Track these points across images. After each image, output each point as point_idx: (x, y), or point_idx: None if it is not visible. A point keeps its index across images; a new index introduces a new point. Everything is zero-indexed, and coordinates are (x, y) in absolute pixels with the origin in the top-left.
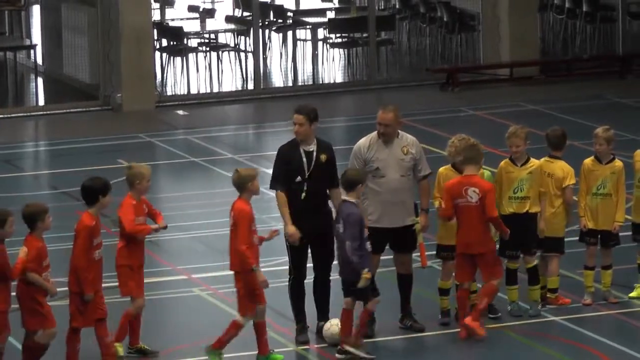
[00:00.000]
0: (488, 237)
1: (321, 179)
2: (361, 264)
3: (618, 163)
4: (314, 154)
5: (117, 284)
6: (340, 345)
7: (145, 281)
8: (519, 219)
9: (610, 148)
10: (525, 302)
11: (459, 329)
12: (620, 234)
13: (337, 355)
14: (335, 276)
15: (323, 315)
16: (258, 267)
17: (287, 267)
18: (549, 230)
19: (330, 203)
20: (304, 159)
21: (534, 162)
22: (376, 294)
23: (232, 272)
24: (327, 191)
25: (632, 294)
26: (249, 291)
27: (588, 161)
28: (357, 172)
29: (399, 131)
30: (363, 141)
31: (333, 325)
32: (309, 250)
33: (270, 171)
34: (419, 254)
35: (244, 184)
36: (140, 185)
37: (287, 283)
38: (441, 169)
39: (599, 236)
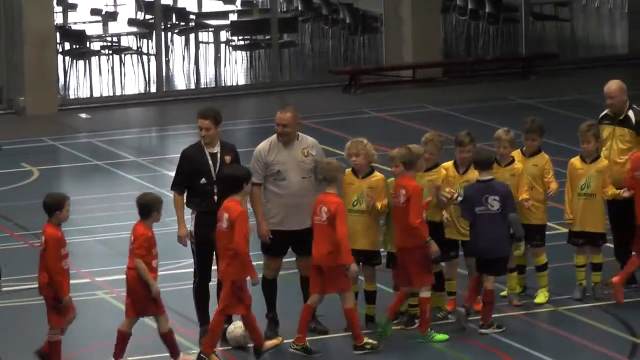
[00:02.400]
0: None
1: None
2: None
3: (518, 165)
4: (218, 155)
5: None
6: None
7: None
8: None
9: (511, 150)
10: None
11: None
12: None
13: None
14: None
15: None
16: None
17: (192, 269)
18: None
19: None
20: (210, 161)
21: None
22: None
23: None
24: None
25: (537, 300)
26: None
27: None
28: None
29: (299, 133)
30: (263, 145)
31: (237, 327)
32: (214, 253)
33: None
34: None
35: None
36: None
37: (192, 286)
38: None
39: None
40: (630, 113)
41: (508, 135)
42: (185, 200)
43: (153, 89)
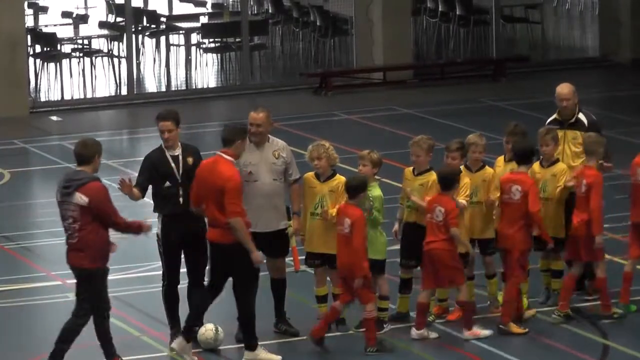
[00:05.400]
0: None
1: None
2: None
3: (489, 170)
4: (180, 157)
5: None
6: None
7: (19, 287)
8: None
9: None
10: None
11: (333, 334)
12: None
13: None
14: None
15: (198, 320)
16: None
17: (161, 272)
18: None
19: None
20: (173, 164)
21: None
22: None
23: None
24: None
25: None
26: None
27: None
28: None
29: (270, 136)
30: None
31: (208, 330)
32: (183, 256)
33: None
34: (292, 258)
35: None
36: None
37: (161, 288)
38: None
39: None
40: (582, 115)
41: (483, 140)
42: (153, 206)
43: (124, 91)
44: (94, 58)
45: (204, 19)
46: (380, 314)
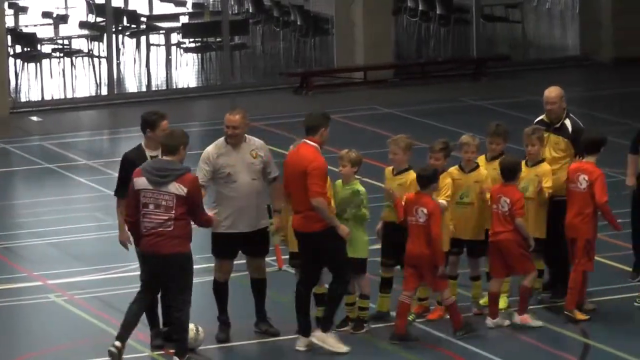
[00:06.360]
0: None
1: None
2: None
3: (483, 172)
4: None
5: None
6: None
7: (0, 288)
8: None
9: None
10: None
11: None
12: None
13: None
14: None
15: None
16: None
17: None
18: None
19: None
20: None
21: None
22: None
23: (88, 278)
24: None
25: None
26: None
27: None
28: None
29: (247, 136)
30: (211, 148)
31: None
32: None
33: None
34: (274, 257)
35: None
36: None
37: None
38: None
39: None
40: (567, 122)
41: (475, 141)
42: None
43: (104, 91)
44: (74, 58)
45: (184, 19)
46: (361, 313)
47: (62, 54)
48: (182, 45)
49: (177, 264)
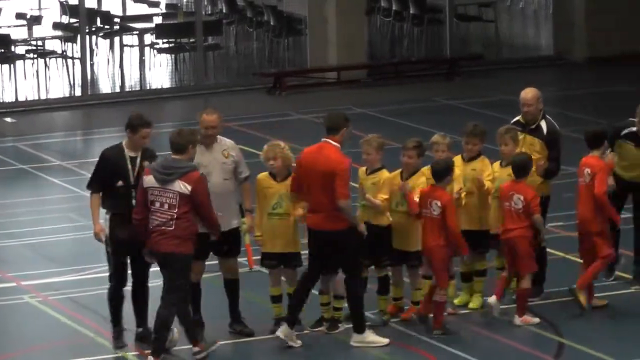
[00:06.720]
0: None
1: None
2: None
3: (457, 171)
4: (138, 160)
5: None
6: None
7: None
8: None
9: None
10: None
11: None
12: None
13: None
14: (154, 283)
15: (142, 321)
16: None
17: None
18: None
19: None
20: (129, 165)
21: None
22: None
23: (62, 279)
24: None
25: (472, 305)
26: None
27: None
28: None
29: (217, 136)
30: None
31: None
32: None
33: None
34: (245, 258)
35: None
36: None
37: (108, 289)
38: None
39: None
40: (543, 123)
41: (446, 140)
42: (100, 201)
43: (78, 92)
44: (47, 59)
45: (157, 20)
46: (336, 314)
47: (35, 55)
48: (155, 46)
49: (171, 264)
